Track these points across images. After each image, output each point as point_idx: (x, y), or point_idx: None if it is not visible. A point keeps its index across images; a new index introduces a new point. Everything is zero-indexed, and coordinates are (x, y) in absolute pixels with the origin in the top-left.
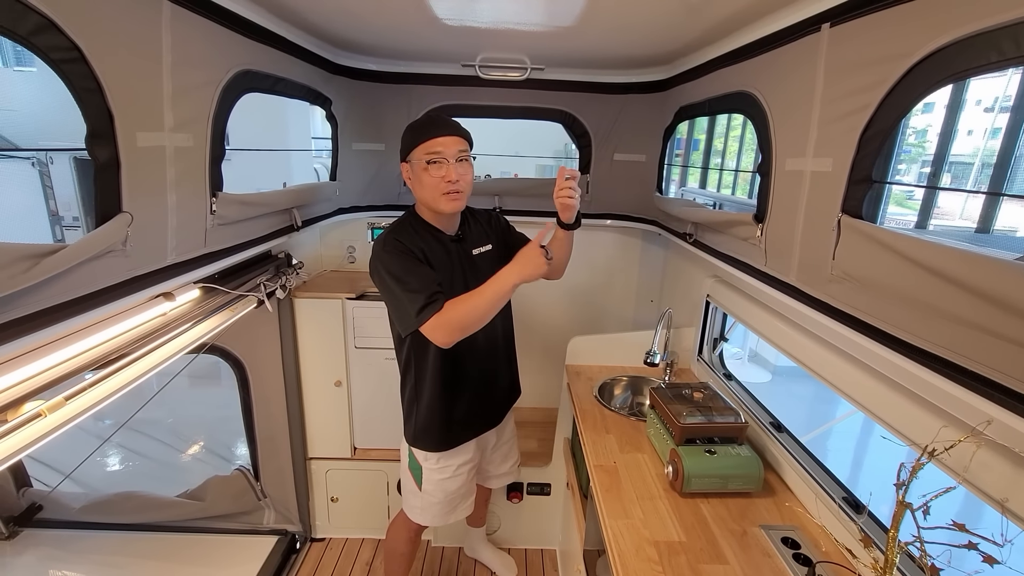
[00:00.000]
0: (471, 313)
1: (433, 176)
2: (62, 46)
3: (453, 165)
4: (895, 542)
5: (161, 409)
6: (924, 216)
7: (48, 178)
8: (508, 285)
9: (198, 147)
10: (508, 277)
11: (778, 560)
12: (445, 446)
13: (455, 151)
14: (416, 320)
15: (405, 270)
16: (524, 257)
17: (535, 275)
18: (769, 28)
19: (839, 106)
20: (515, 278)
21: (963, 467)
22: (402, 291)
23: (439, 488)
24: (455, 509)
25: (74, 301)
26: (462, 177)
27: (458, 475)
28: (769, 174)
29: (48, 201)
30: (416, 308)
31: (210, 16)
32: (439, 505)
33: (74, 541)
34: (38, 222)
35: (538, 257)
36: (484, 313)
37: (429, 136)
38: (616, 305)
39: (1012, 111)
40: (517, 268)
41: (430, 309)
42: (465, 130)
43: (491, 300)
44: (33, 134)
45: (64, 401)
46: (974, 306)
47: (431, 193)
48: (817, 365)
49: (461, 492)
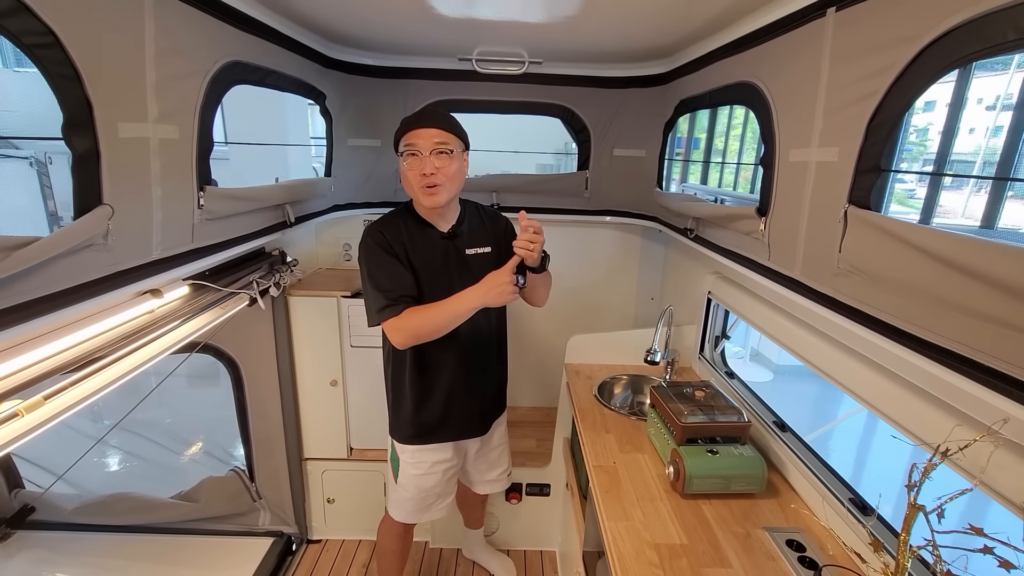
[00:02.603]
0: (427, 325)
1: (412, 171)
2: (35, 30)
3: (428, 158)
4: (906, 546)
5: (160, 409)
6: (927, 215)
7: (47, 178)
8: (468, 307)
9: (184, 139)
10: (471, 299)
11: (783, 563)
12: (418, 440)
13: (431, 143)
14: (375, 317)
15: (377, 265)
16: (491, 283)
17: (499, 303)
18: (772, 15)
19: (845, 93)
20: (477, 302)
21: (979, 469)
22: (371, 285)
23: (412, 483)
24: (428, 508)
25: (52, 296)
26: (439, 171)
27: (432, 473)
28: (772, 166)
29: (47, 201)
30: (378, 306)
31: (196, 4)
32: (411, 501)
33: (67, 543)
34: (36, 222)
35: (505, 285)
36: (440, 327)
37: (407, 128)
38: (616, 303)
39: (1016, 108)
40: (481, 292)
41: (389, 311)
42: (449, 122)
43: (449, 317)
44: (31, 134)
45: (43, 400)
46: (991, 298)
47: (411, 187)
48: (823, 363)
49: (435, 491)
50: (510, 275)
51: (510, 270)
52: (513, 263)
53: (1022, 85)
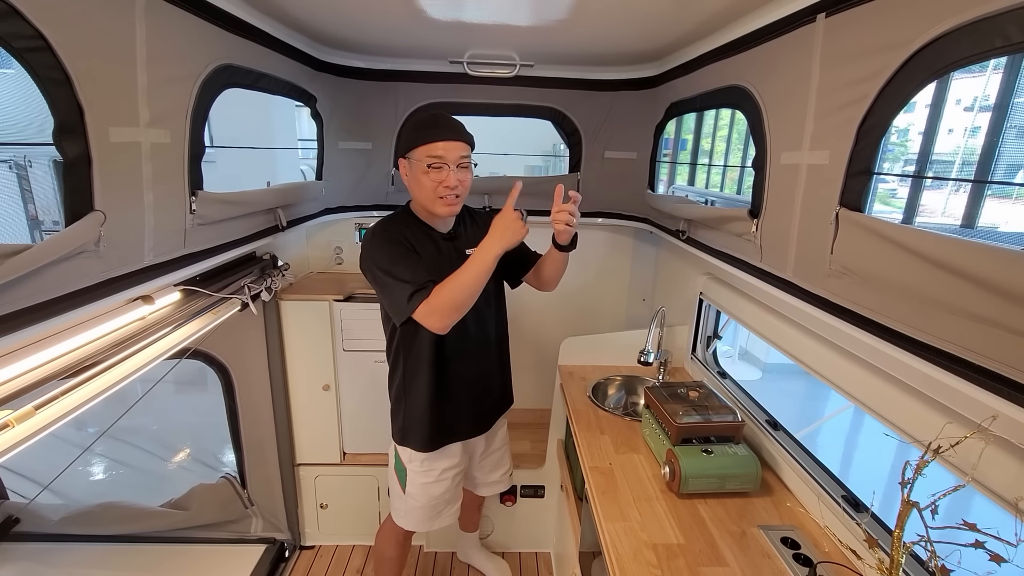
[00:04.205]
0: (459, 291)
1: (432, 180)
2: (25, 34)
3: (454, 171)
4: (900, 542)
5: (146, 416)
6: (909, 214)
7: (27, 181)
8: (491, 256)
9: (176, 144)
10: (490, 248)
11: (778, 561)
12: (430, 446)
13: (457, 156)
14: (408, 307)
15: (393, 260)
16: (501, 224)
17: (515, 240)
18: (763, 20)
19: (836, 97)
20: (497, 248)
21: (971, 465)
22: (392, 280)
23: (423, 492)
24: (439, 515)
25: (43, 304)
26: (461, 183)
27: (442, 480)
28: (764, 168)
29: (27, 205)
30: (407, 295)
31: (187, 8)
32: (422, 510)
33: (53, 554)
34: (16, 227)
35: (515, 222)
36: (472, 289)
37: (433, 139)
38: (609, 304)
39: (994, 109)
40: (496, 236)
41: (420, 295)
42: (469, 134)
43: (476, 273)
44: (12, 136)
45: (34, 410)
46: (979, 298)
47: (428, 195)
48: (815, 362)
49: (445, 498)
50: (512, 210)
51: (511, 207)
52: (511, 201)
53: (999, 87)
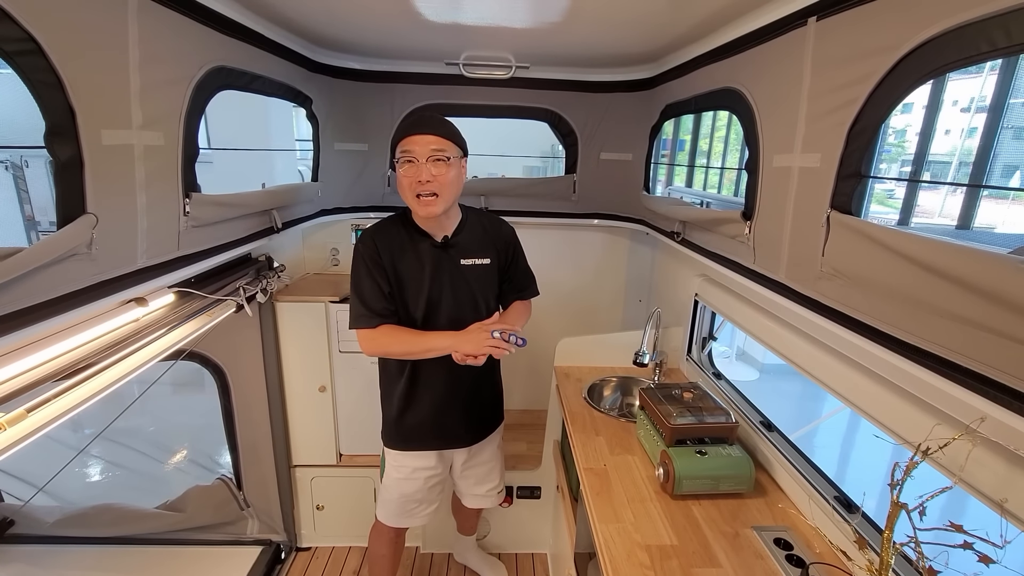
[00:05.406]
0: (396, 348)
1: (406, 176)
2: (15, 37)
3: (424, 165)
4: (890, 543)
5: (142, 417)
6: (906, 214)
7: (23, 182)
8: (439, 348)
9: (169, 146)
10: (443, 342)
11: (771, 562)
12: (399, 445)
13: (428, 150)
14: (352, 323)
15: (361, 275)
16: (470, 335)
17: (467, 351)
18: (755, 23)
19: (827, 101)
20: (448, 349)
21: (959, 466)
22: (353, 293)
23: (395, 486)
24: (410, 513)
25: (35, 307)
26: (435, 178)
27: (414, 479)
28: (756, 171)
29: (23, 206)
30: (355, 313)
31: (180, 9)
32: (393, 503)
33: (49, 557)
34: (13, 228)
35: (482, 344)
36: (408, 354)
37: (404, 134)
38: (604, 305)
39: (989, 111)
40: (457, 342)
41: (364, 322)
42: (447, 128)
43: (421, 351)
44: (9, 139)
45: (25, 413)
46: (967, 301)
47: (406, 195)
48: (807, 363)
49: (416, 498)
50: (490, 332)
51: (491, 326)
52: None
53: (995, 88)
